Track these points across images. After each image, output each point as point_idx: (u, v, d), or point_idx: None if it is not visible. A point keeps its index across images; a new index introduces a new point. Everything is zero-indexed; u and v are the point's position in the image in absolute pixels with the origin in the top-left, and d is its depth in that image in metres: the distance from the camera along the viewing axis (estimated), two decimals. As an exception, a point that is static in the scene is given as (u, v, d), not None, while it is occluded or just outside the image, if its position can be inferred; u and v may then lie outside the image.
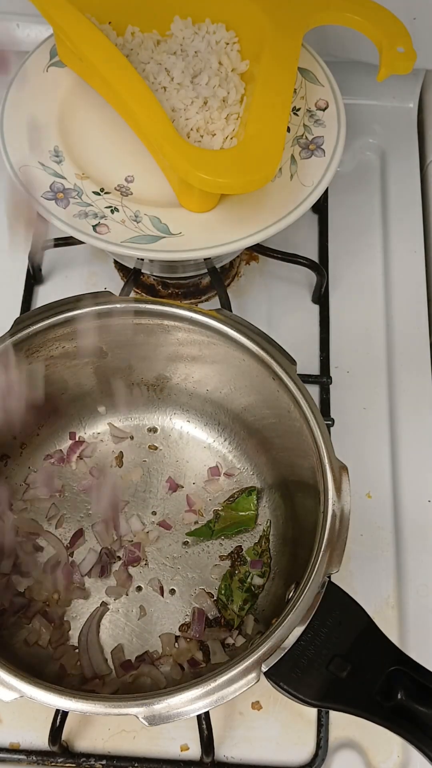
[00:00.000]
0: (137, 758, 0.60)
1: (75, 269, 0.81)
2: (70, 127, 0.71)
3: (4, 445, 0.66)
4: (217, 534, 0.65)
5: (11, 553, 0.63)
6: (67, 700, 0.46)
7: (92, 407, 0.69)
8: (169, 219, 0.66)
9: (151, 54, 0.71)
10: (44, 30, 0.83)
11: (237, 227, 0.65)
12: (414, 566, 0.68)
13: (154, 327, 0.61)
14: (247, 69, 0.71)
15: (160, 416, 0.70)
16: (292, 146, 0.69)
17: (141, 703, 0.46)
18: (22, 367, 0.59)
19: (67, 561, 0.64)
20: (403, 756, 0.61)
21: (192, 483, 0.68)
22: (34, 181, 0.67)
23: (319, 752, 0.60)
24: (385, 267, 0.81)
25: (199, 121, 0.67)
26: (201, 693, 0.46)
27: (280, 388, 0.57)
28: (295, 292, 0.80)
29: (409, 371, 0.76)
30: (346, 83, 0.77)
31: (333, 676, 0.46)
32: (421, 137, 0.90)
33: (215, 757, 0.60)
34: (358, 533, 0.68)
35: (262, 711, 0.62)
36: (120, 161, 0.70)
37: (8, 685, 0.47)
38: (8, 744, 0.61)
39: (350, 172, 0.87)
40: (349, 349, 0.77)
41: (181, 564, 0.65)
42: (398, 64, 0.66)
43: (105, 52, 0.64)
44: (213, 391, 0.67)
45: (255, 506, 0.66)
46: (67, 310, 0.59)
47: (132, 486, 0.68)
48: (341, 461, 0.53)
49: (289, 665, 0.46)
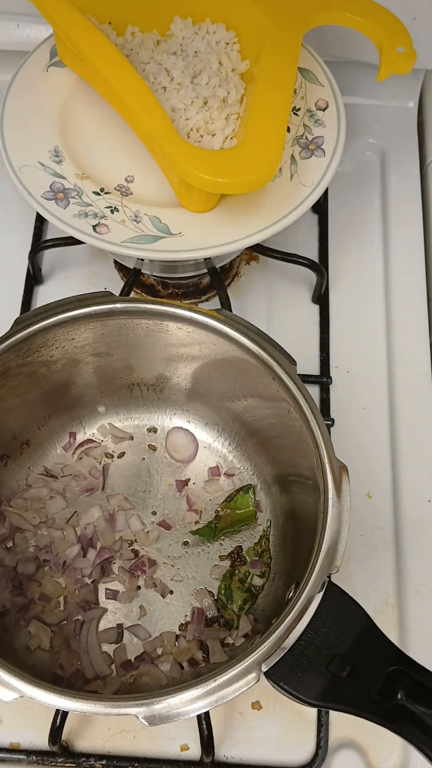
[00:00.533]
0: (137, 758, 0.60)
1: (75, 269, 0.81)
2: (70, 127, 0.71)
3: (4, 445, 0.66)
4: (219, 533, 0.65)
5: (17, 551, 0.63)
6: (67, 700, 0.46)
7: (92, 407, 0.69)
8: (169, 219, 0.66)
9: (151, 54, 0.71)
10: (44, 30, 0.83)
11: (237, 227, 0.65)
12: (414, 566, 0.68)
13: (154, 327, 0.61)
14: (247, 69, 0.71)
15: (160, 416, 0.70)
16: (292, 146, 0.69)
17: (141, 703, 0.46)
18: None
19: (70, 561, 0.64)
20: (403, 756, 0.61)
21: (192, 483, 0.68)
22: (34, 181, 0.67)
23: (319, 752, 0.60)
24: (385, 267, 0.81)
25: (199, 121, 0.67)
26: (201, 693, 0.46)
27: (280, 388, 0.57)
28: (295, 292, 0.80)
29: (409, 371, 0.76)
30: (346, 83, 0.77)
31: (333, 676, 0.46)
32: (421, 137, 0.90)
33: (215, 757, 0.60)
34: (358, 533, 0.68)
35: (262, 711, 0.62)
36: (120, 161, 0.70)
37: (8, 685, 0.47)
38: (8, 744, 0.61)
39: (350, 172, 0.87)
40: (349, 349, 0.77)
41: (181, 564, 0.65)
42: (398, 64, 0.67)
43: (105, 52, 0.64)
44: (213, 391, 0.67)
45: (253, 502, 0.66)
46: (67, 310, 0.59)
47: (132, 486, 0.68)
48: (341, 461, 0.53)
49: (289, 665, 0.46)
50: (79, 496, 0.67)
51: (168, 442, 0.69)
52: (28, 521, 0.65)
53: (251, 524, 0.65)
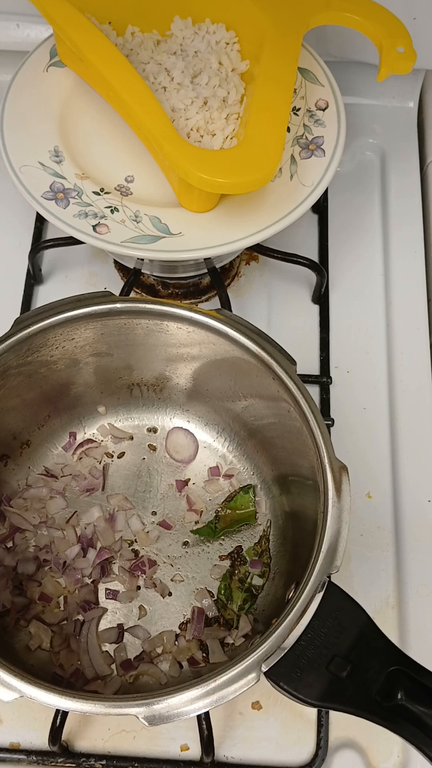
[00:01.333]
0: (137, 758, 0.60)
1: (75, 269, 0.81)
2: (70, 127, 0.71)
3: (4, 445, 0.66)
4: (219, 533, 0.65)
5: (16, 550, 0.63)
6: (67, 700, 0.46)
7: (92, 407, 0.69)
8: (169, 219, 0.66)
9: (151, 54, 0.71)
10: (44, 30, 0.84)
11: (237, 227, 0.65)
12: (414, 566, 0.68)
13: (154, 327, 0.61)
14: (247, 69, 0.71)
15: (160, 416, 0.70)
16: (292, 146, 0.69)
17: (141, 703, 0.46)
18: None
19: (70, 561, 0.64)
20: (403, 756, 0.61)
21: (192, 483, 0.68)
22: (34, 181, 0.67)
23: (319, 752, 0.60)
24: (385, 267, 0.81)
25: (199, 121, 0.67)
26: (201, 693, 0.46)
27: (280, 388, 0.57)
28: (295, 292, 0.80)
29: (409, 371, 0.76)
30: (346, 83, 0.77)
31: (333, 676, 0.46)
32: (421, 137, 0.90)
33: (215, 757, 0.60)
34: (358, 533, 0.68)
35: (262, 711, 0.62)
36: (120, 161, 0.70)
37: (8, 685, 0.47)
38: (8, 744, 0.61)
39: (350, 172, 0.87)
40: (349, 349, 0.77)
41: (181, 564, 0.65)
42: (398, 64, 0.67)
43: (105, 52, 0.64)
44: (213, 391, 0.67)
45: (253, 502, 0.66)
46: (67, 310, 0.59)
47: (132, 486, 0.68)
48: (341, 461, 0.53)
49: (289, 665, 0.46)
50: (79, 496, 0.67)
51: (168, 442, 0.69)
52: (28, 521, 0.65)
53: (251, 524, 0.65)
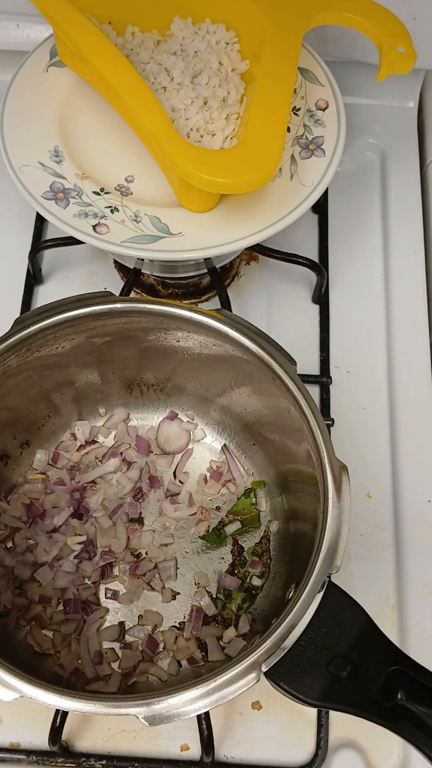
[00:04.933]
0: (137, 758, 0.60)
1: (75, 269, 0.81)
2: (70, 127, 0.71)
3: (4, 445, 0.66)
4: (225, 539, 0.65)
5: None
6: (67, 700, 0.46)
7: (92, 407, 0.69)
8: (169, 219, 0.66)
9: (151, 54, 0.71)
10: (44, 30, 0.83)
11: (237, 227, 0.65)
12: (414, 566, 0.68)
13: (154, 327, 0.61)
14: (247, 69, 0.71)
15: (160, 416, 0.70)
16: (292, 146, 0.69)
17: (141, 703, 0.46)
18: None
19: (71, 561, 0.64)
20: (403, 756, 0.61)
21: (192, 484, 0.68)
22: (34, 181, 0.67)
23: (319, 752, 0.60)
24: (385, 267, 0.81)
25: (199, 121, 0.67)
26: (201, 693, 0.46)
27: (280, 388, 0.57)
28: (295, 292, 0.80)
29: (409, 371, 0.76)
30: (346, 83, 0.77)
31: (333, 676, 0.46)
32: (421, 137, 0.90)
33: (215, 757, 0.60)
34: (358, 533, 0.68)
35: (262, 711, 0.62)
36: (120, 161, 0.70)
37: (8, 685, 0.47)
38: (8, 744, 0.61)
39: (350, 172, 0.87)
40: (349, 349, 0.77)
41: (182, 564, 0.65)
42: (398, 64, 0.66)
43: (105, 52, 0.64)
44: (213, 391, 0.67)
45: (255, 505, 0.66)
46: (67, 310, 0.59)
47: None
48: (341, 461, 0.53)
49: (289, 665, 0.46)
50: (79, 496, 0.67)
51: (159, 435, 0.69)
52: (20, 520, 0.65)
53: (255, 526, 0.65)
